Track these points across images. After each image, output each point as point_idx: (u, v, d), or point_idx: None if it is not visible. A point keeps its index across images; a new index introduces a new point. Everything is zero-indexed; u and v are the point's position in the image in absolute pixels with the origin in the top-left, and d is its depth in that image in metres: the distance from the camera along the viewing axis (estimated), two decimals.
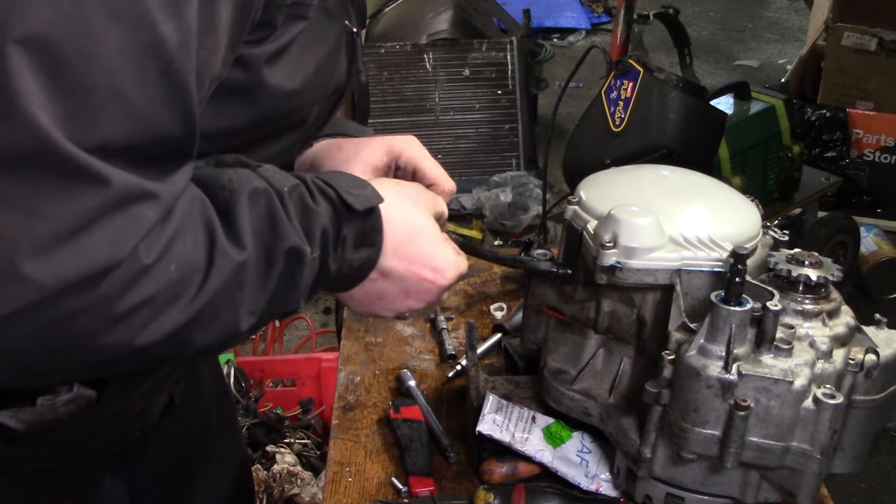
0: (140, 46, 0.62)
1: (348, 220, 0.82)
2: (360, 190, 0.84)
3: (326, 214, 0.81)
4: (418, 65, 3.93)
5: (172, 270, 0.68)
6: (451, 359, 1.41)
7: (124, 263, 0.64)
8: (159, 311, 0.68)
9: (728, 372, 0.92)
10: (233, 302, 0.74)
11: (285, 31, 0.80)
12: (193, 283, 0.70)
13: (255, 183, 0.77)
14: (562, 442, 1.14)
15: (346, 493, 1.15)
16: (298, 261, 0.78)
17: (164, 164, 0.68)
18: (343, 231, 0.82)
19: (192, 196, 0.73)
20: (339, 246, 0.83)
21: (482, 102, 4.00)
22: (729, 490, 1.02)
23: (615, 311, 1.07)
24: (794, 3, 6.91)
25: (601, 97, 2.79)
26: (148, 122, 0.65)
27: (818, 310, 0.99)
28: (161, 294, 0.68)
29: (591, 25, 6.43)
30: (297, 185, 0.80)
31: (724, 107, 3.00)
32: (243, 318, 0.76)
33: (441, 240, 0.92)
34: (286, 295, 0.80)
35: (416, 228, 0.90)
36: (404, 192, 0.91)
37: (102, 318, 0.65)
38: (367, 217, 0.84)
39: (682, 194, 1.12)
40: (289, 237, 0.77)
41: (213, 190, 0.75)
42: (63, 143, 0.60)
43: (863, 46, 4.00)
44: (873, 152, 3.94)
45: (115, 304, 0.65)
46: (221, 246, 0.72)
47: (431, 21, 4.20)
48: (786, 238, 1.10)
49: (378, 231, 0.86)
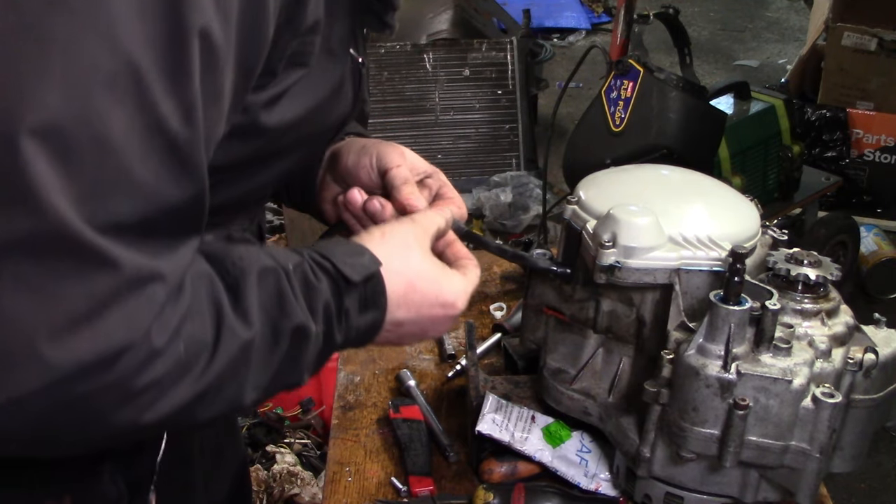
0: (144, 125, 0.64)
1: (348, 291, 0.84)
2: (356, 259, 0.85)
3: (327, 289, 0.82)
4: (418, 65, 3.93)
5: (182, 350, 0.69)
6: (451, 358, 1.41)
7: (138, 345, 0.66)
8: (167, 390, 0.70)
9: (727, 371, 0.92)
10: (238, 378, 0.76)
11: (285, 78, 0.81)
12: (200, 361, 0.72)
13: (265, 261, 0.79)
14: (561, 441, 1.14)
15: (345, 493, 1.16)
16: (304, 338, 0.80)
17: (174, 237, 0.69)
18: (345, 303, 0.84)
19: (201, 272, 0.74)
20: (343, 317, 0.84)
21: (482, 102, 4.00)
22: (728, 489, 1.02)
23: (614, 311, 1.07)
24: (794, 3, 6.91)
25: (601, 97, 2.79)
26: (157, 198, 0.66)
27: (817, 309, 0.99)
28: (170, 373, 0.69)
29: (591, 25, 6.44)
30: (299, 263, 0.82)
31: (724, 107, 3.00)
32: (247, 394, 0.78)
33: (442, 273, 0.92)
34: (291, 371, 0.82)
35: (415, 275, 0.90)
36: (395, 240, 0.91)
37: (115, 399, 0.67)
38: (368, 283, 0.85)
39: (681, 194, 1.12)
40: (295, 315, 0.79)
41: (224, 266, 0.77)
42: (78, 225, 0.62)
43: (863, 46, 4.00)
44: (873, 152, 3.94)
45: (128, 385, 0.67)
46: (229, 324, 0.74)
47: (431, 21, 4.20)
48: (785, 238, 1.10)
49: (381, 293, 0.87)
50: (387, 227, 0.91)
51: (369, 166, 1.02)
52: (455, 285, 0.92)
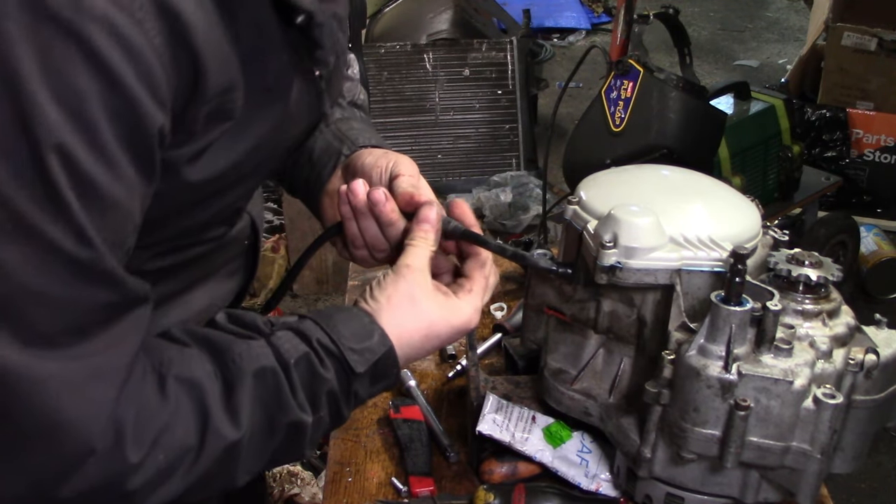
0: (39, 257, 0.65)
1: (356, 378, 0.86)
2: (365, 342, 0.86)
3: (334, 378, 0.85)
4: (418, 65, 3.93)
5: (162, 458, 0.74)
6: (451, 359, 1.41)
7: (109, 461, 0.71)
8: (157, 488, 0.75)
9: (728, 372, 0.92)
10: (228, 470, 0.81)
11: (207, 133, 0.77)
12: (185, 462, 0.76)
13: (264, 361, 0.82)
14: (562, 442, 1.14)
15: (346, 493, 1.15)
16: (300, 431, 0.84)
17: (107, 326, 0.71)
18: (353, 387, 0.86)
19: (188, 378, 0.78)
20: (352, 398, 0.87)
21: (482, 102, 3.99)
22: (729, 490, 1.02)
23: (615, 311, 1.07)
24: (794, 3, 6.91)
25: (601, 97, 2.79)
26: (79, 306, 0.69)
27: (818, 310, 0.99)
28: (152, 481, 0.74)
29: (591, 25, 6.43)
30: (305, 355, 0.83)
31: (724, 107, 3.00)
32: (240, 478, 0.82)
33: (449, 307, 0.93)
34: (287, 456, 0.87)
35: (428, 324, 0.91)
36: (401, 301, 0.90)
37: (110, 499, 0.74)
38: (377, 365, 0.87)
39: (682, 194, 1.12)
40: (291, 411, 0.82)
41: (224, 360, 0.80)
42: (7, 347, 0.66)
43: (863, 46, 4.00)
44: (873, 152, 3.94)
45: (118, 490, 0.73)
46: (214, 428, 0.77)
47: (431, 21, 4.20)
48: (786, 238, 1.10)
49: (392, 365, 0.88)
50: (389, 290, 0.90)
51: (384, 168, 1.01)
52: (463, 311, 0.93)
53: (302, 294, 3.50)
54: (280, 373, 0.82)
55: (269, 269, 3.40)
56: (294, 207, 3.30)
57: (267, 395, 0.81)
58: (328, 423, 0.86)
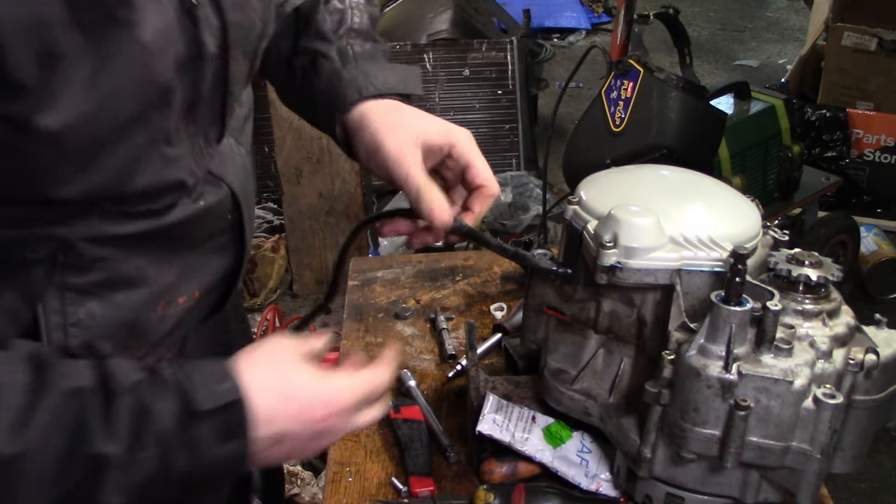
0: None
1: (199, 419, 0.80)
2: (216, 385, 0.81)
3: (169, 415, 0.78)
4: (418, 65, 3.93)
5: None
6: (452, 359, 1.41)
7: None
8: None
9: (728, 372, 0.92)
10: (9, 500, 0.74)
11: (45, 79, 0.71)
12: None
13: (81, 382, 0.76)
14: (562, 442, 1.14)
15: (346, 493, 1.15)
16: (99, 466, 0.76)
17: None
18: (191, 431, 0.79)
19: None
20: (191, 445, 0.80)
21: (482, 102, 4.00)
22: (729, 490, 1.02)
23: (615, 311, 1.07)
24: (794, 3, 6.91)
25: (601, 97, 2.79)
26: None
27: (818, 310, 0.99)
28: None
29: (591, 25, 6.44)
30: (137, 384, 0.78)
31: (724, 107, 3.00)
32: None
33: (319, 377, 0.87)
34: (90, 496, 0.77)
35: (289, 385, 0.85)
36: (265, 357, 0.87)
37: None
38: (225, 412, 0.81)
39: (682, 194, 1.12)
40: (94, 441, 0.75)
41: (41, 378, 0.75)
42: None
43: (863, 46, 4.01)
44: (873, 152, 3.94)
45: None
46: None
47: (431, 21, 4.20)
48: (786, 238, 1.10)
49: (243, 421, 0.82)
50: (260, 344, 0.88)
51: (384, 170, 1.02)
52: (336, 384, 0.88)
53: (302, 294, 3.50)
54: (97, 396, 0.76)
55: (269, 269, 3.39)
56: (294, 207, 3.30)
57: (71, 417, 0.74)
58: (152, 470, 0.78)
